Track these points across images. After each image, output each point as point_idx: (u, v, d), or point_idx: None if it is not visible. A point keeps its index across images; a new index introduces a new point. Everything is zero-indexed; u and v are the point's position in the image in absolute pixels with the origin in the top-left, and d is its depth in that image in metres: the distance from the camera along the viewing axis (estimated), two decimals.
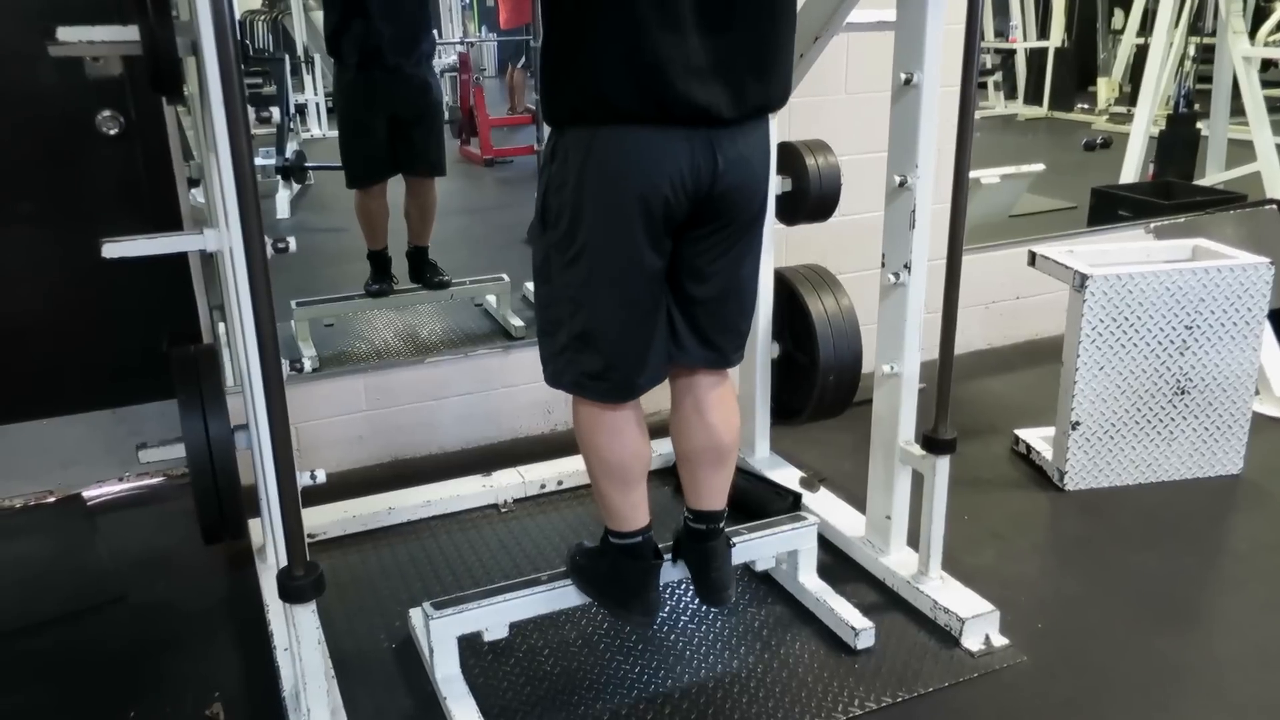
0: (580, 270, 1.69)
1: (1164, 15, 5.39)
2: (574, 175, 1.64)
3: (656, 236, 1.67)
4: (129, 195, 2.55)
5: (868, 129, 2.74)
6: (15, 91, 2.41)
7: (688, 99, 1.58)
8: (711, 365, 1.87)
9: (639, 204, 1.62)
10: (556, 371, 1.82)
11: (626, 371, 1.76)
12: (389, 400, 2.88)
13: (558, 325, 1.78)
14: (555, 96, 1.66)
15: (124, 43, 1.67)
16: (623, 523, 1.88)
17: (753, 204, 1.75)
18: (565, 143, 1.66)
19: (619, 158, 1.61)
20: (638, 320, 1.74)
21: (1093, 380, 2.59)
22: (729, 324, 1.85)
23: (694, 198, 1.66)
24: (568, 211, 1.67)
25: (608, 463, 1.84)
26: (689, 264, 1.76)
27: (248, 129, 1.45)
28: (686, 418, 1.91)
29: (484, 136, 5.84)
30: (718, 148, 1.64)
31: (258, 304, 1.36)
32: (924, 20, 1.92)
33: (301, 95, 6.37)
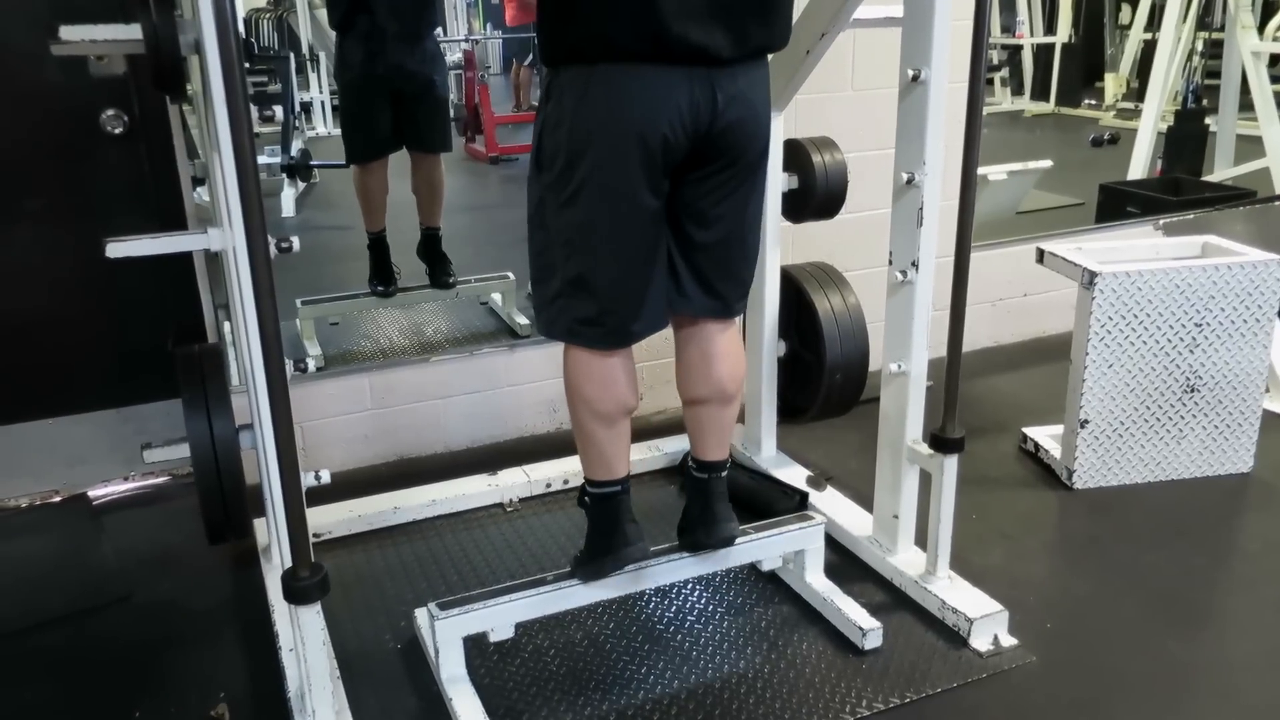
0: (575, 212, 1.67)
1: (1172, 10, 5.35)
2: (570, 114, 1.62)
3: (655, 176, 1.65)
4: (133, 194, 2.55)
5: (875, 125, 2.73)
6: (20, 90, 2.41)
7: (684, 38, 1.56)
8: (714, 314, 1.84)
9: (637, 142, 1.60)
10: (549, 319, 1.79)
11: (622, 317, 1.73)
12: (394, 399, 2.87)
13: (551, 271, 1.75)
14: (552, 35, 1.64)
15: (127, 41, 1.66)
16: (604, 467, 1.85)
17: (755, 143, 1.73)
18: (561, 82, 1.64)
19: (616, 95, 1.59)
20: (635, 263, 1.71)
21: (1101, 378, 2.57)
22: (732, 271, 1.83)
23: (693, 136, 1.63)
24: (563, 151, 1.64)
25: (596, 412, 1.82)
26: (691, 207, 1.73)
27: (250, 127, 1.44)
28: (693, 368, 1.90)
29: (489, 134, 5.83)
30: (717, 85, 1.62)
31: (261, 303, 1.35)
32: (931, 16, 1.90)
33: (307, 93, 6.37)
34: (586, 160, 1.62)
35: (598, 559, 1.91)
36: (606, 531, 1.89)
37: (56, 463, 2.68)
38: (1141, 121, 5.42)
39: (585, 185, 1.63)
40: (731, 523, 1.96)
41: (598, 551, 1.90)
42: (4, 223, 2.49)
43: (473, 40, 6.54)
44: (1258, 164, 4.94)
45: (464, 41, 6.44)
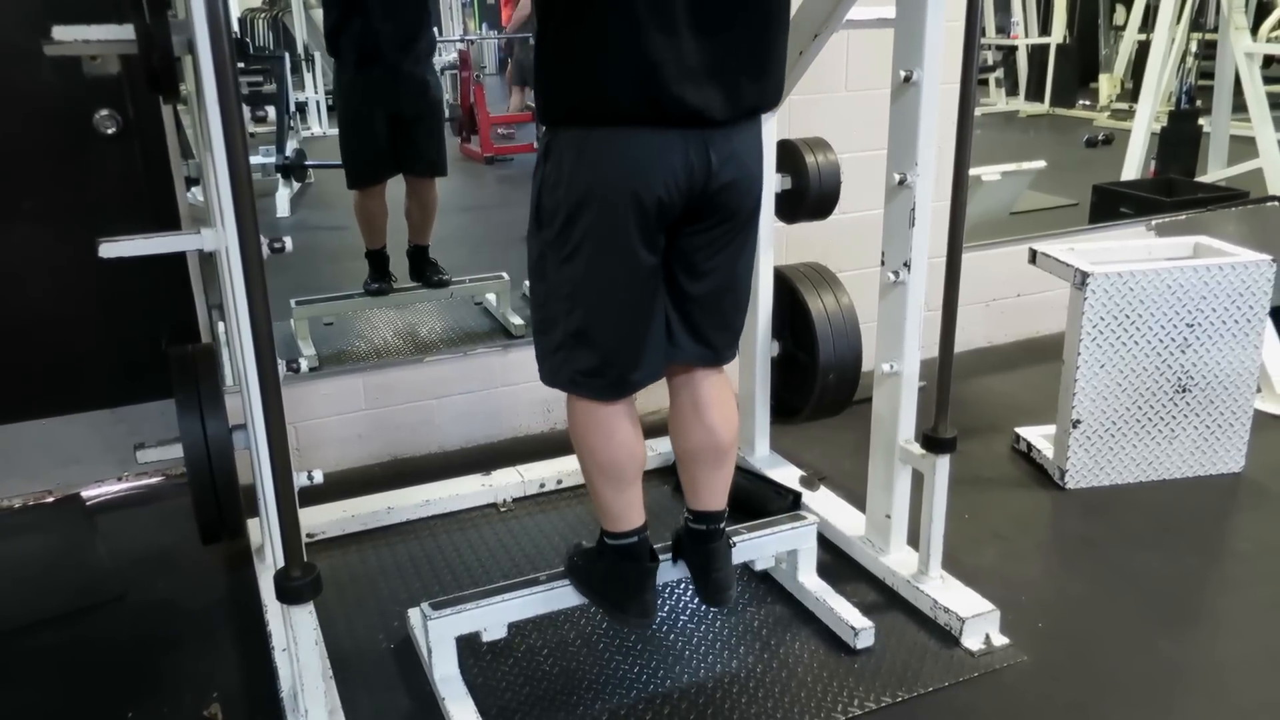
0: (575, 268, 1.70)
1: (1166, 11, 5.37)
2: (568, 175, 1.65)
3: (650, 234, 1.67)
4: (127, 194, 2.54)
5: (868, 126, 2.73)
6: (13, 90, 2.40)
7: (681, 101, 1.58)
8: (705, 362, 1.87)
9: (633, 202, 1.62)
10: (552, 369, 1.82)
11: (622, 368, 1.76)
12: (388, 399, 2.87)
13: (553, 324, 1.78)
14: (551, 96, 1.66)
15: (120, 41, 1.66)
16: (618, 522, 1.87)
17: (747, 201, 1.75)
18: (559, 142, 1.66)
19: (613, 157, 1.61)
20: (633, 317, 1.74)
21: (1094, 378, 2.58)
22: (724, 321, 1.86)
23: (688, 196, 1.66)
24: (562, 210, 1.67)
25: (602, 462, 1.84)
26: (685, 260, 1.76)
27: (243, 128, 1.44)
28: (684, 416, 1.91)
29: (484, 134, 5.83)
30: (711, 147, 1.64)
31: (254, 304, 1.36)
32: (924, 18, 1.91)
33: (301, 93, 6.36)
34: (584, 219, 1.64)
35: (612, 613, 1.94)
36: (629, 591, 1.90)
37: (50, 463, 2.68)
38: (1135, 122, 5.43)
39: (584, 243, 1.66)
40: (730, 589, 1.95)
41: (613, 604, 1.92)
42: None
43: (468, 41, 6.55)
44: (1251, 164, 4.95)
45: (459, 42, 6.45)
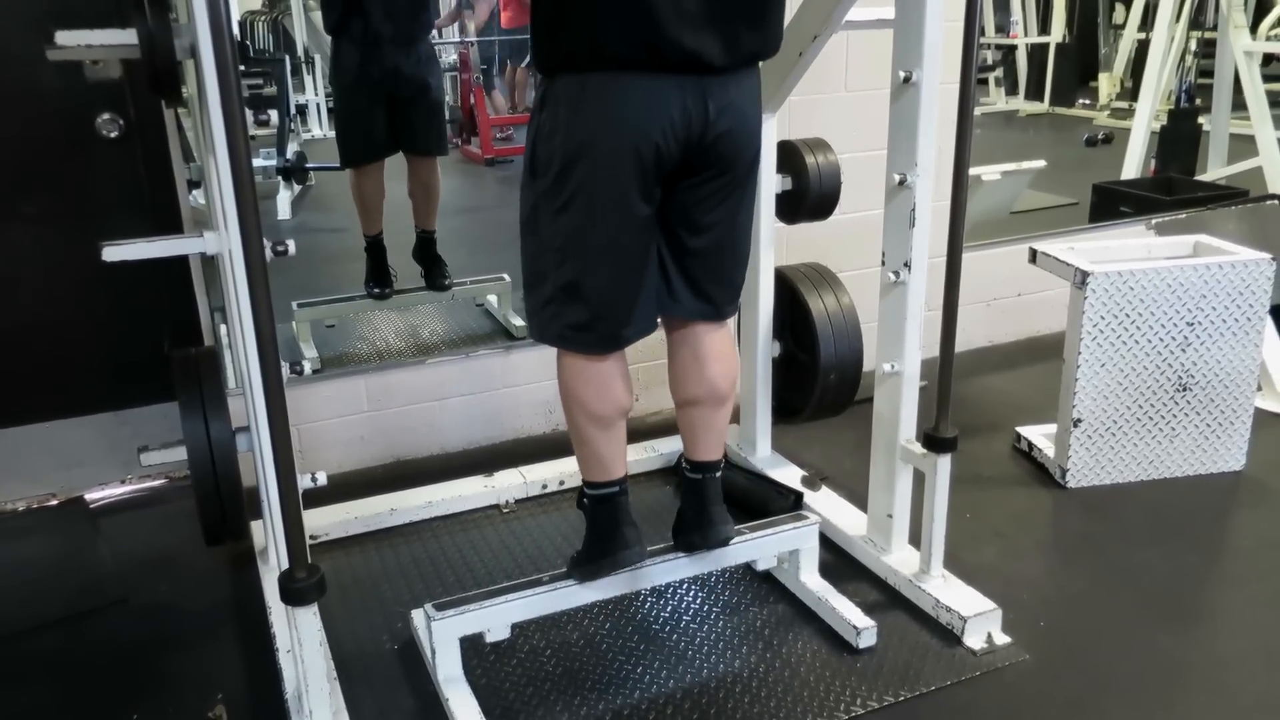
0: (568, 219, 1.68)
1: (1165, 10, 5.37)
2: (564, 123, 1.64)
3: (647, 184, 1.66)
4: (129, 197, 2.55)
5: (868, 126, 2.74)
6: (15, 93, 2.41)
7: (679, 45, 1.57)
8: (705, 317, 1.87)
9: (630, 150, 1.61)
10: (542, 324, 1.81)
11: (613, 323, 1.75)
12: (391, 401, 2.88)
13: (543, 277, 1.77)
14: (546, 43, 1.65)
15: (122, 46, 1.67)
16: (601, 469, 1.87)
17: (746, 152, 1.74)
18: (555, 90, 1.65)
19: (610, 105, 1.60)
20: (626, 270, 1.73)
21: (1094, 377, 2.58)
22: (724, 275, 1.85)
23: (686, 145, 1.65)
24: (557, 159, 1.66)
25: (590, 412, 1.83)
26: (684, 214, 1.75)
27: (245, 132, 1.44)
28: (685, 368, 1.91)
29: (484, 135, 5.84)
30: (709, 95, 1.64)
31: (257, 307, 1.36)
32: (923, 19, 1.92)
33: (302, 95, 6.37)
34: (580, 168, 1.63)
35: (596, 560, 1.91)
36: (605, 534, 1.90)
37: (53, 466, 2.68)
38: (1135, 121, 5.44)
39: (578, 193, 1.65)
40: (727, 524, 1.97)
41: (596, 553, 1.91)
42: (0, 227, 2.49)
43: (468, 42, 6.56)
44: (1251, 163, 4.96)
45: (459, 43, 6.45)
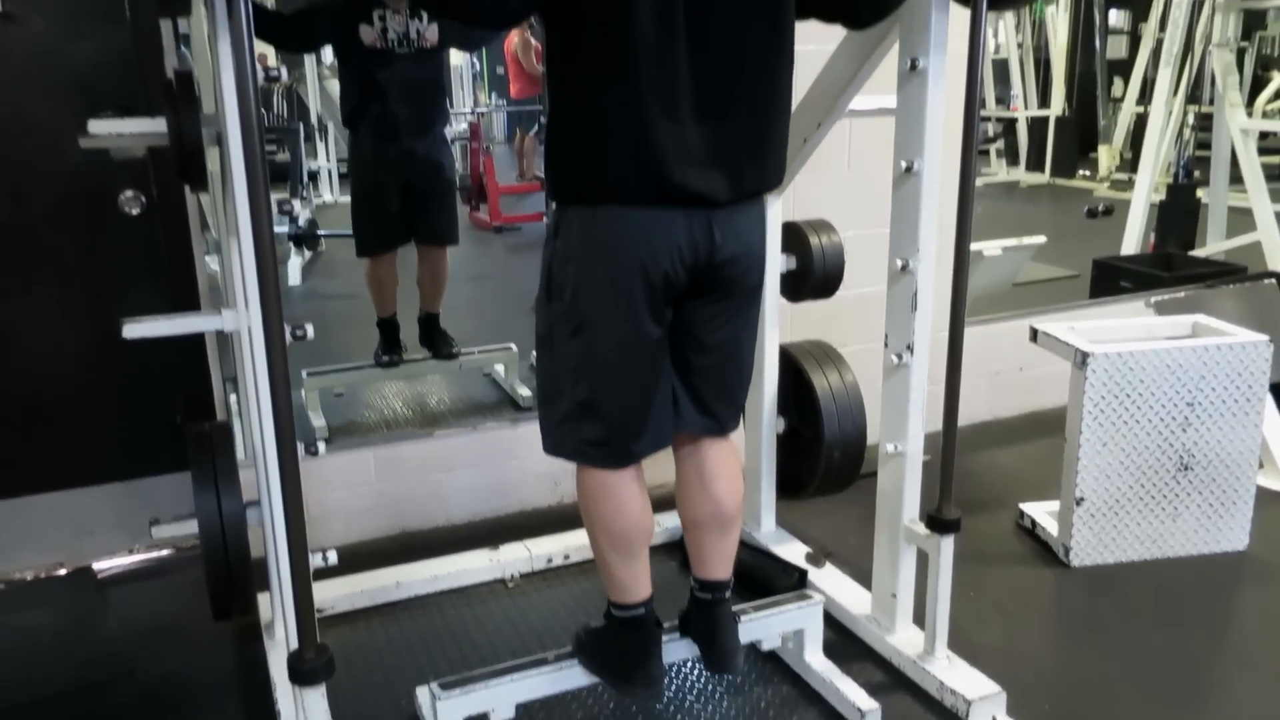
0: (583, 341, 1.74)
1: (1162, 85, 5.49)
2: (577, 250, 1.70)
3: (656, 307, 1.72)
4: (148, 271, 2.60)
5: (870, 205, 2.79)
6: (45, 172, 2.48)
7: (685, 186, 1.64)
8: (710, 432, 1.91)
9: (640, 277, 1.68)
10: (557, 440, 1.86)
11: (627, 438, 1.79)
12: (398, 472, 2.90)
13: (559, 395, 1.81)
14: (559, 177, 1.72)
15: (152, 134, 1.73)
16: (625, 593, 1.89)
17: (750, 275, 1.81)
18: (568, 219, 1.72)
19: (620, 234, 1.67)
20: (639, 388, 1.78)
21: (1096, 456, 2.60)
22: (727, 393, 1.90)
23: (693, 270, 1.71)
24: (570, 284, 1.72)
25: (611, 531, 1.86)
26: (690, 333, 1.81)
27: (270, 220, 1.49)
28: (690, 486, 1.94)
29: (493, 203, 5.94)
30: (715, 224, 1.70)
31: (276, 392, 1.40)
32: (923, 110, 1.98)
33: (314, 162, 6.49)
34: (593, 293, 1.70)
35: (617, 683, 1.95)
36: (635, 661, 1.92)
37: (63, 535, 2.70)
38: (1134, 195, 5.52)
39: (591, 317, 1.71)
40: (737, 655, 1.98)
41: (619, 672, 1.94)
42: (22, 298, 2.55)
43: (479, 113, 6.70)
44: (1249, 238, 5.02)
45: (470, 114, 6.60)
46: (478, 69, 7.49)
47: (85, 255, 2.58)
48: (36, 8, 2.37)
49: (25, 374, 2.60)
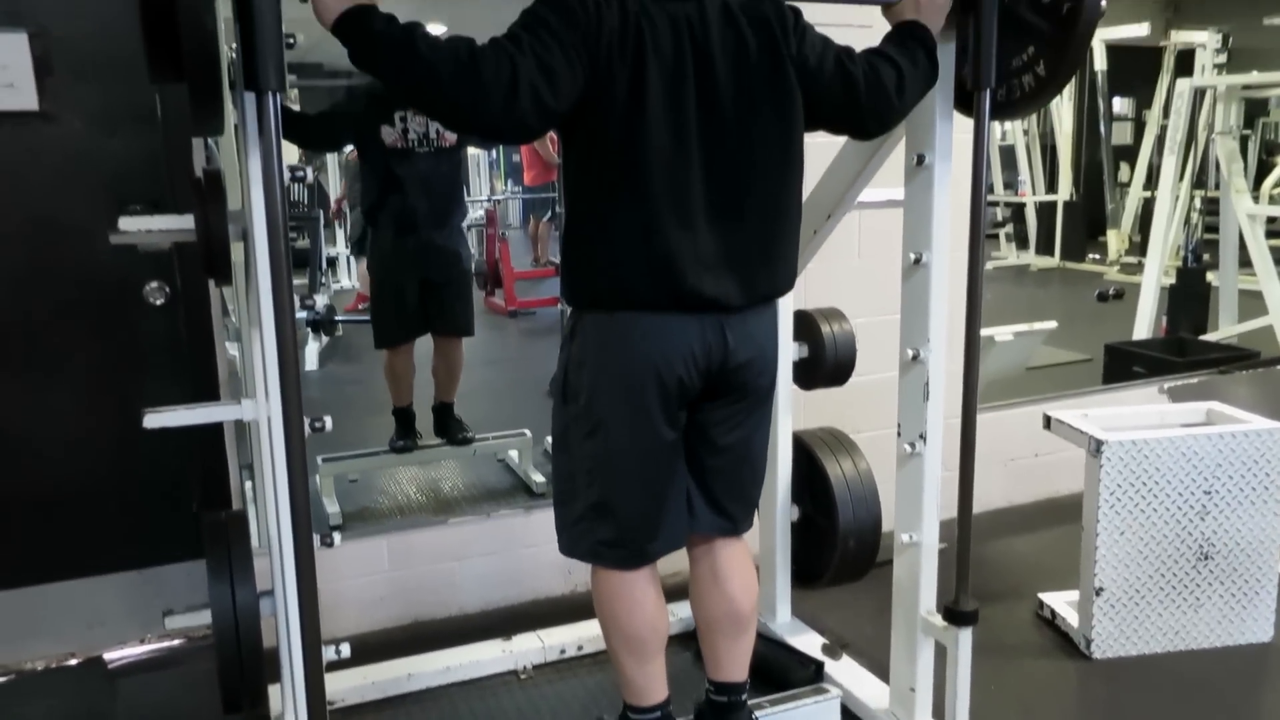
0: (597, 443, 1.76)
1: (1168, 171, 5.57)
2: (592, 355, 1.74)
3: (671, 411, 1.75)
4: (169, 360, 2.64)
5: (881, 292, 2.82)
6: (71, 264, 2.53)
7: (698, 292, 1.69)
8: (723, 532, 1.92)
9: (654, 381, 1.71)
10: (572, 540, 1.87)
11: (641, 539, 1.81)
12: (411, 561, 2.89)
13: (574, 495, 1.83)
14: (575, 282, 1.76)
15: (180, 231, 1.78)
16: (640, 696, 1.87)
17: (763, 379, 1.84)
18: (584, 324, 1.76)
19: (634, 339, 1.71)
20: (654, 490, 1.80)
21: (1114, 545, 2.58)
22: (741, 493, 1.92)
23: (706, 374, 1.75)
24: (585, 388, 1.75)
25: (625, 633, 1.86)
26: (704, 434, 1.84)
27: (293, 315, 1.53)
28: (704, 585, 1.94)
29: (508, 289, 6.03)
30: (728, 329, 1.74)
31: (294, 487, 1.41)
32: (930, 204, 2.02)
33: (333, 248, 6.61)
34: (607, 397, 1.73)
35: None
36: None
37: (75, 624, 2.68)
38: (1144, 280, 5.56)
39: (606, 419, 1.74)
40: None
41: None
42: (44, 388, 2.58)
43: (494, 200, 6.84)
44: (1260, 322, 5.04)
45: (486, 201, 6.73)
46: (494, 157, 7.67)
47: (109, 346, 2.62)
48: (72, 108, 2.45)
49: (44, 463, 2.62)
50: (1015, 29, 1.87)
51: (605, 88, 1.62)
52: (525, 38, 1.57)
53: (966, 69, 1.90)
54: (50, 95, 2.42)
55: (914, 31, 1.83)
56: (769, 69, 1.71)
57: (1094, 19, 1.78)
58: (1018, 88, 1.92)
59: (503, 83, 1.52)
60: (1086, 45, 1.82)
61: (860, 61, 1.79)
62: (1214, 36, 6.04)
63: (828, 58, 1.77)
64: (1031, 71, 1.89)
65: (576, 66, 1.59)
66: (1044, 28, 1.84)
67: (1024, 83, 1.91)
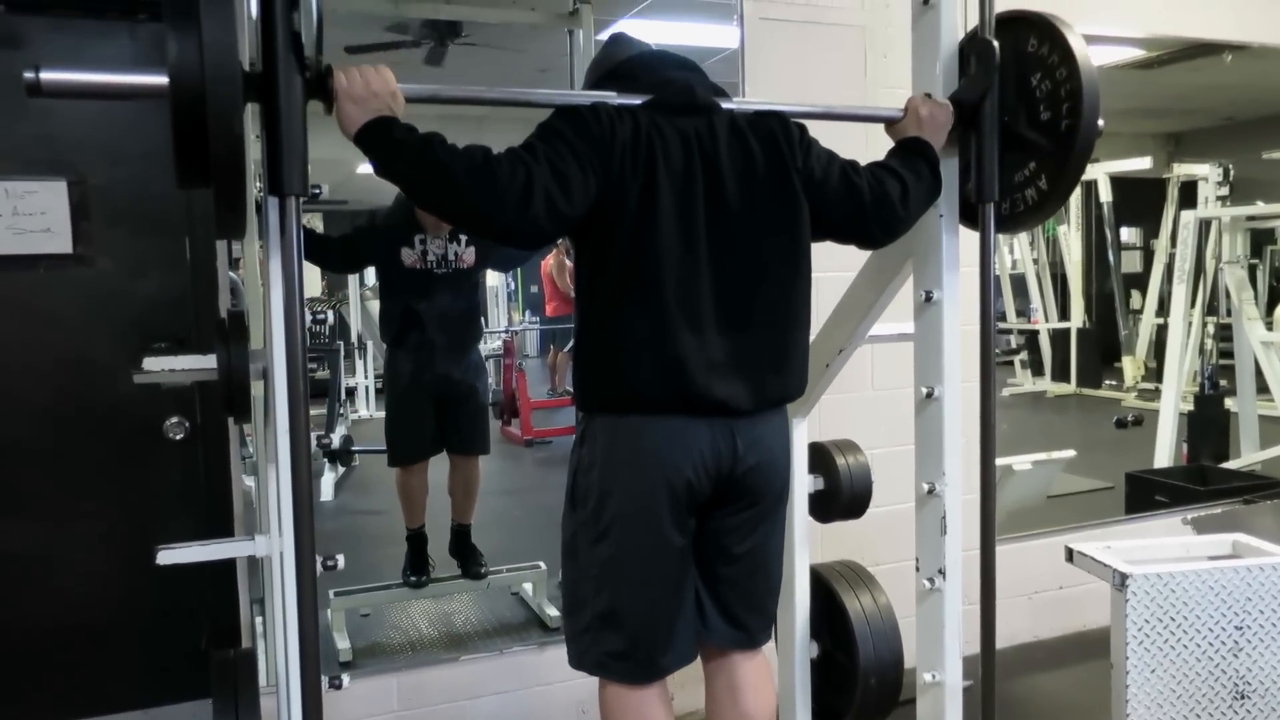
0: (606, 549, 1.75)
1: (1179, 300, 5.61)
2: (601, 458, 1.74)
3: (680, 517, 1.74)
4: (186, 496, 2.66)
5: (895, 423, 2.82)
6: (95, 401, 2.58)
7: (708, 394, 1.70)
8: (740, 646, 1.88)
9: (663, 485, 1.70)
10: (580, 651, 1.83)
11: (650, 651, 1.77)
12: (422, 700, 2.82)
13: (582, 604, 1.80)
14: (585, 386, 1.78)
15: (201, 370, 1.82)
16: None
17: (774, 484, 1.83)
18: (594, 428, 1.77)
19: (644, 443, 1.71)
20: (663, 599, 1.77)
21: (1145, 684, 2.49)
22: (757, 603, 1.89)
23: (716, 479, 1.74)
24: (595, 492, 1.75)
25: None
26: (716, 543, 1.82)
27: (309, 456, 1.55)
28: (720, 701, 1.89)
29: (525, 418, 6.05)
30: (738, 434, 1.75)
31: (304, 628, 1.40)
32: (940, 339, 2.04)
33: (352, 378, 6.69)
34: (616, 501, 1.73)
35: None
36: None
37: None
38: (1162, 407, 5.53)
39: (615, 524, 1.74)
40: None
41: None
42: (60, 527, 2.59)
43: (512, 331, 6.95)
44: None
45: (505, 332, 6.84)
46: (512, 288, 7.83)
47: (126, 482, 2.64)
48: (105, 251, 2.54)
49: (53, 601, 2.61)
50: (1016, 144, 1.94)
51: (618, 197, 1.67)
52: (540, 146, 1.64)
53: (970, 184, 1.96)
54: (84, 239, 2.52)
55: (917, 147, 1.90)
56: (776, 181, 1.77)
57: (1091, 135, 1.84)
58: (1021, 201, 1.98)
59: (517, 187, 1.57)
60: (1086, 160, 1.87)
61: (865, 174, 1.85)
62: (1215, 170, 6.17)
63: (833, 170, 1.84)
64: (1034, 185, 1.94)
65: (589, 174, 1.65)
66: (1044, 144, 1.90)
67: (1027, 196, 1.96)
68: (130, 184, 2.53)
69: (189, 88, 1.36)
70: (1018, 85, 1.94)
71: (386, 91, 1.55)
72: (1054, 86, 1.88)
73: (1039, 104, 1.92)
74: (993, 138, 1.92)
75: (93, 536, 2.63)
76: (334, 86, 1.52)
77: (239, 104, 1.40)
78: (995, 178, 1.93)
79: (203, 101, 1.36)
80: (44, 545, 2.58)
